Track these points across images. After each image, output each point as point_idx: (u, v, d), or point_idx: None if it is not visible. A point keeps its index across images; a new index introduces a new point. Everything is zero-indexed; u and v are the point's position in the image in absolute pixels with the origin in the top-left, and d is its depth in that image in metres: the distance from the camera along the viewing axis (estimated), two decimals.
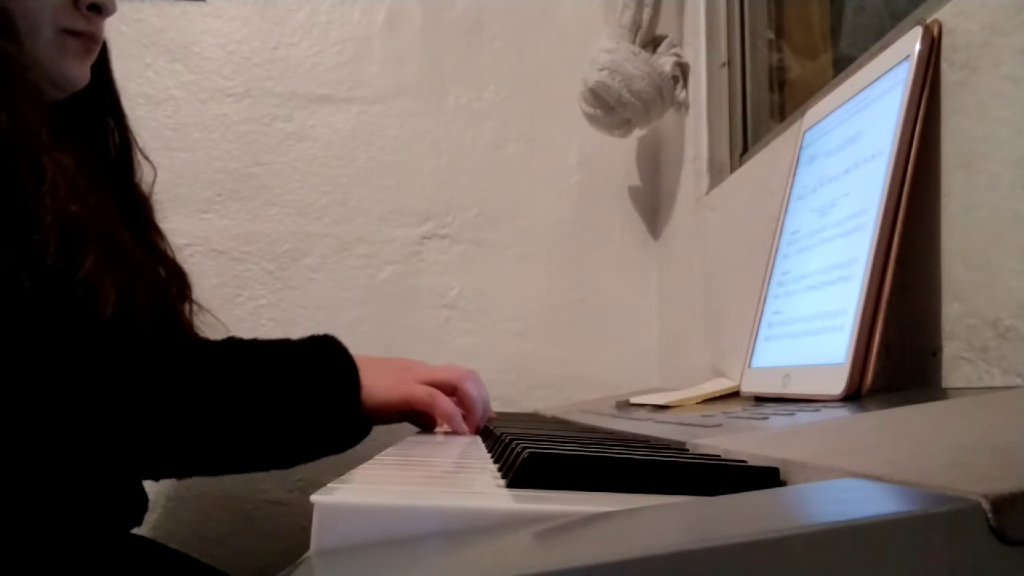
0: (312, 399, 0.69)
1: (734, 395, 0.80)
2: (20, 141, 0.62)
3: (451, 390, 0.76)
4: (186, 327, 0.85)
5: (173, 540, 1.06)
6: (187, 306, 0.86)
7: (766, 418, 0.55)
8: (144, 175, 0.86)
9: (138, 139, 0.86)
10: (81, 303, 0.62)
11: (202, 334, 0.87)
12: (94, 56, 0.75)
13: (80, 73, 0.73)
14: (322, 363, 0.72)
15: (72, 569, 0.64)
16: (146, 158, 0.86)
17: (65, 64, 0.72)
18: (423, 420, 0.79)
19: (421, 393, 0.74)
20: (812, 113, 0.74)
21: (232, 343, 0.77)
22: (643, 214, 1.42)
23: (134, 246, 0.73)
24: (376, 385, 0.72)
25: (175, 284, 0.85)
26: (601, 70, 1.20)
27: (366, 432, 0.80)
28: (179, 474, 0.86)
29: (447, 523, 0.29)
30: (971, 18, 0.53)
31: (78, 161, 0.69)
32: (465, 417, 0.76)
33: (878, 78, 0.61)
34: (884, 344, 0.54)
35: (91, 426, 0.60)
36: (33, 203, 0.61)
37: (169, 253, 0.86)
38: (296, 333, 1.31)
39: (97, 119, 0.82)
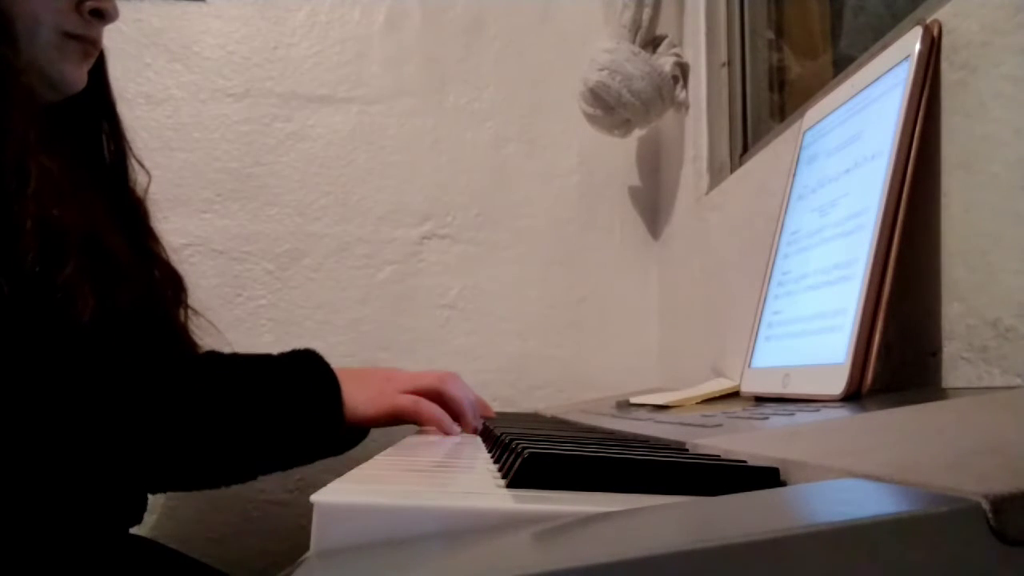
0: (294, 416, 0.68)
1: (734, 395, 0.80)
2: (5, 144, 0.61)
3: (435, 396, 0.76)
4: (180, 332, 0.84)
5: (173, 540, 1.06)
6: (182, 311, 0.86)
7: (766, 418, 0.55)
8: (139, 180, 0.85)
9: (138, 139, 0.86)
10: (59, 308, 0.61)
11: (198, 338, 0.86)
12: (92, 61, 0.75)
13: (77, 77, 0.73)
14: (304, 379, 0.71)
15: (72, 569, 0.64)
16: (140, 164, 0.85)
17: (63, 67, 0.72)
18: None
19: (405, 402, 0.74)
20: (812, 113, 0.74)
21: (213, 357, 0.76)
22: (643, 214, 1.42)
23: (124, 250, 0.73)
24: (358, 399, 0.72)
25: (170, 288, 0.84)
26: (601, 70, 1.20)
27: (363, 435, 0.80)
28: (152, 488, 0.83)
29: (447, 523, 0.29)
30: (971, 18, 0.53)
31: (68, 165, 0.69)
32: (456, 420, 0.76)
33: (878, 78, 0.61)
34: (884, 344, 0.54)
35: (61, 432, 0.59)
36: (15, 207, 0.60)
37: (164, 257, 0.85)
38: (296, 333, 1.33)
39: (92, 123, 0.82)
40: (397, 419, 0.75)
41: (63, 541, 0.64)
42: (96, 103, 0.81)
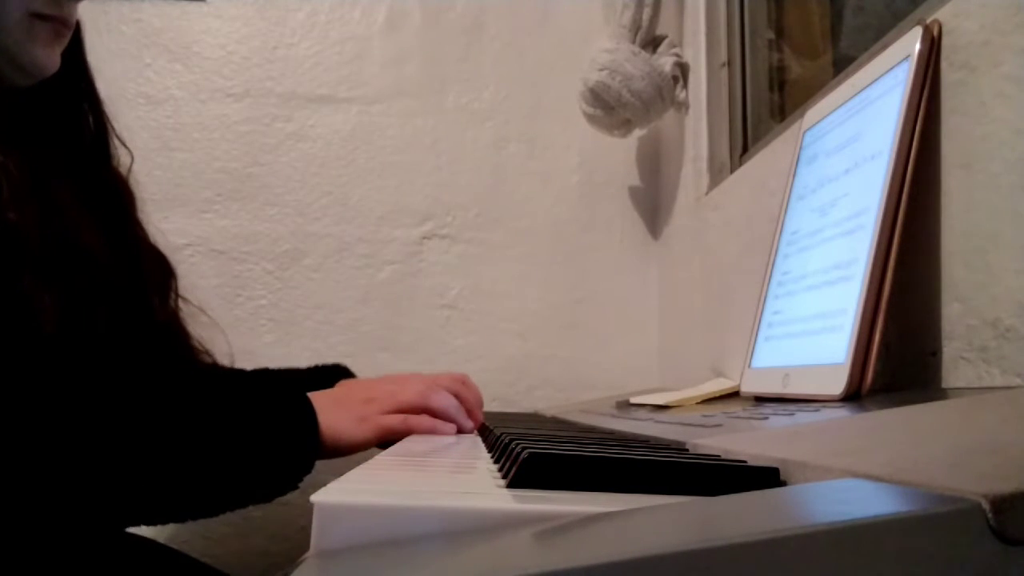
0: (267, 452, 0.65)
1: (734, 395, 0.80)
2: None
3: (421, 411, 0.74)
4: (170, 320, 0.82)
5: (173, 540, 1.06)
6: (172, 297, 0.83)
7: (766, 418, 0.55)
8: (121, 160, 0.82)
9: (138, 139, 0.84)
10: (19, 321, 0.58)
11: (190, 328, 0.84)
12: (65, 42, 0.72)
13: (49, 59, 0.70)
14: (278, 412, 0.67)
15: (72, 569, 0.64)
16: (122, 143, 0.82)
17: (34, 50, 0.68)
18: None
19: (394, 423, 0.71)
20: (812, 113, 0.74)
21: (187, 381, 0.71)
22: (643, 214, 1.42)
23: (100, 243, 0.71)
24: (340, 427, 0.68)
25: (157, 275, 0.82)
26: (601, 70, 1.20)
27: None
28: (103, 524, 0.70)
29: (447, 523, 0.29)
30: (971, 18, 0.53)
31: (36, 156, 0.66)
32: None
33: (878, 78, 0.61)
34: (884, 344, 0.54)
35: (21, 453, 0.55)
36: None
37: (150, 242, 0.82)
38: (296, 333, 1.33)
39: (70, 104, 0.79)
40: (387, 440, 0.72)
41: (63, 541, 0.63)
42: (74, 83, 0.78)
